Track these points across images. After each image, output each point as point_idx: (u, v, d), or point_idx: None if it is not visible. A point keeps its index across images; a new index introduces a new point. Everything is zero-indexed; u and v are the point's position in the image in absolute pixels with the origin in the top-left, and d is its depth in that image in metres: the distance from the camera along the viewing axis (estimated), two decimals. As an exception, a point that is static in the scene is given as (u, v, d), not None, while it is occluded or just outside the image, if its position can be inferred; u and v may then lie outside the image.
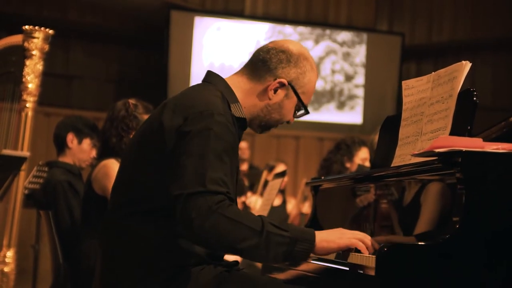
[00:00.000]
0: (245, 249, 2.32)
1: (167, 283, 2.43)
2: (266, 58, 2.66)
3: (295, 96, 2.66)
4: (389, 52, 11.74)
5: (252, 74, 2.67)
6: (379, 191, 2.80)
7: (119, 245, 2.49)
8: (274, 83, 2.63)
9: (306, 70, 2.67)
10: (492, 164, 2.21)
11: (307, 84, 2.68)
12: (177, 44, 10.88)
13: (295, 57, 2.66)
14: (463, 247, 2.14)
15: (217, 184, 2.34)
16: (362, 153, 5.68)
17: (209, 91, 2.58)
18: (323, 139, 11.43)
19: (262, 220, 2.35)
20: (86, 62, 11.06)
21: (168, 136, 2.43)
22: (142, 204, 2.47)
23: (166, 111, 2.49)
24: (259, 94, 2.65)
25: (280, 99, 2.65)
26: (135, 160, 2.55)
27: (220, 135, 2.40)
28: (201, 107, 2.44)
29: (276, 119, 2.69)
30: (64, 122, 4.82)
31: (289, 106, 2.67)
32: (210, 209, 2.28)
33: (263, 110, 2.66)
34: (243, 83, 2.67)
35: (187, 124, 2.41)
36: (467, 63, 2.59)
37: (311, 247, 2.39)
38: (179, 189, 2.33)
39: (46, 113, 9.71)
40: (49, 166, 4.78)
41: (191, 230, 2.30)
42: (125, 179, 2.58)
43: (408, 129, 2.83)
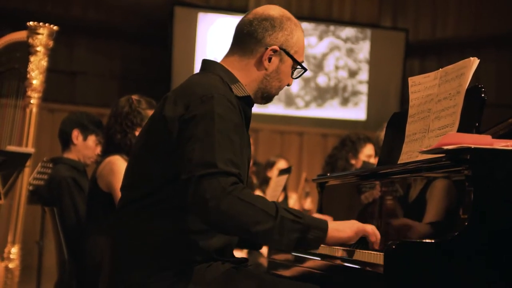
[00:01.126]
0: (259, 233, 2.31)
1: (175, 279, 2.43)
2: (251, 30, 2.68)
3: (290, 58, 2.67)
4: (393, 48, 11.71)
5: (242, 50, 2.69)
6: (386, 188, 2.78)
7: (127, 241, 2.49)
8: (266, 52, 2.65)
9: (292, 29, 2.69)
10: (501, 161, 2.20)
11: (296, 42, 2.69)
12: (180, 40, 10.87)
13: (279, 21, 2.68)
14: (472, 245, 2.13)
15: (228, 164, 2.34)
16: (367, 149, 5.67)
17: (207, 76, 2.59)
18: (327, 135, 11.42)
19: (276, 205, 2.35)
20: (90, 58, 11.06)
21: (172, 127, 2.43)
22: (151, 199, 2.47)
23: (167, 104, 2.49)
24: (254, 67, 2.66)
25: (276, 65, 2.67)
26: (142, 157, 2.55)
27: (224, 115, 2.41)
28: (201, 92, 2.44)
29: (276, 86, 2.71)
30: (70, 118, 4.81)
31: (286, 70, 2.69)
32: (225, 191, 2.28)
33: (262, 81, 2.67)
34: (237, 62, 2.68)
35: (189, 111, 2.41)
36: (475, 59, 2.58)
37: (324, 235, 2.39)
38: (190, 172, 2.32)
39: (50, 109, 9.71)
40: (54, 162, 4.77)
41: (206, 211, 2.29)
42: (133, 176, 2.58)
43: (415, 126, 2.82)
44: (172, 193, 2.44)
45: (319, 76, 11.55)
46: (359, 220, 2.90)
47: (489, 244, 2.15)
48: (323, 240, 2.40)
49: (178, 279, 2.43)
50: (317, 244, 2.41)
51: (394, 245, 2.12)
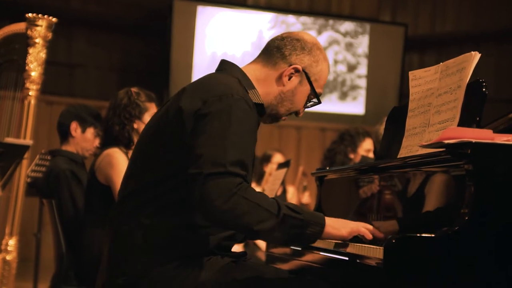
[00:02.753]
0: (261, 231, 2.34)
1: (174, 273, 2.43)
2: (280, 45, 2.68)
3: (308, 83, 2.67)
4: (392, 42, 11.70)
5: (266, 61, 2.69)
6: (385, 182, 2.78)
7: (128, 233, 2.48)
8: (288, 69, 2.65)
9: (319, 59, 2.70)
10: (503, 156, 2.19)
11: (319, 72, 2.70)
12: (180, 33, 10.86)
13: (309, 46, 2.69)
14: (472, 240, 2.13)
15: (237, 165, 2.35)
16: (366, 144, 5.67)
17: (227, 77, 2.58)
18: (325, 129, 11.41)
19: (278, 203, 2.38)
20: (89, 51, 11.04)
21: (187, 119, 2.42)
22: (155, 191, 2.47)
23: (184, 96, 2.49)
24: (273, 81, 2.66)
25: (294, 86, 2.67)
26: (151, 147, 2.54)
27: (241, 117, 2.41)
28: (220, 91, 2.44)
29: (287, 108, 2.70)
30: (68, 110, 4.79)
31: (301, 94, 2.69)
32: (231, 191, 2.30)
33: (276, 97, 2.67)
34: (258, 71, 2.68)
35: (206, 106, 2.41)
36: (476, 53, 2.57)
37: (321, 230, 2.43)
38: (198, 168, 2.32)
39: (49, 101, 9.69)
40: (52, 154, 4.76)
41: (211, 210, 2.31)
42: (140, 165, 2.57)
43: (415, 120, 2.81)
44: (176, 186, 2.44)
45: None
46: (358, 214, 2.92)
47: (489, 239, 2.14)
48: (319, 235, 2.44)
49: (177, 273, 2.43)
50: (314, 239, 2.45)
51: (394, 239, 2.11)
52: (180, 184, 2.43)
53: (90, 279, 3.75)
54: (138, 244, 2.46)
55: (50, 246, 4.46)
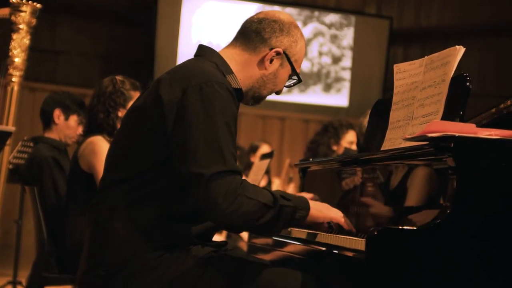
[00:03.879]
0: (262, 225, 2.39)
1: (155, 263, 2.42)
2: (259, 28, 2.68)
3: (290, 65, 2.69)
4: (377, 35, 11.70)
5: (245, 45, 2.68)
6: (368, 175, 2.79)
7: (108, 223, 2.47)
8: (270, 53, 2.65)
9: (297, 38, 2.71)
10: (485, 150, 2.21)
11: (299, 51, 2.72)
12: (165, 21, 10.81)
13: (287, 26, 2.69)
14: (454, 232, 2.14)
15: (233, 160, 2.38)
16: (349, 136, 5.68)
17: (204, 62, 2.57)
18: (309, 121, 11.41)
19: (272, 194, 2.41)
20: (73, 38, 10.96)
21: (168, 110, 2.41)
22: (136, 181, 2.46)
23: (162, 85, 2.47)
24: (254, 65, 2.66)
25: (275, 68, 2.68)
26: (131, 136, 2.53)
27: (224, 105, 2.42)
28: (200, 78, 2.43)
29: (269, 89, 2.71)
30: (52, 97, 4.77)
31: (283, 76, 2.71)
32: (235, 193, 2.32)
33: (258, 81, 2.67)
34: (237, 55, 2.67)
35: (188, 96, 2.40)
36: (460, 47, 2.58)
37: (307, 214, 2.50)
38: (198, 168, 2.33)
39: (32, 88, 9.63)
40: (35, 141, 4.74)
41: (216, 213, 2.33)
42: (120, 155, 2.55)
43: (399, 113, 2.82)
44: (157, 176, 2.43)
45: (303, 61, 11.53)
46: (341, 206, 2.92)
47: (471, 232, 2.15)
48: (305, 218, 2.50)
49: (158, 263, 2.42)
50: (300, 223, 2.51)
51: (376, 231, 2.12)
52: (160, 175, 2.43)
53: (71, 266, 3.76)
54: (118, 234, 2.45)
55: (31, 233, 4.45)
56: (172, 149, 2.40)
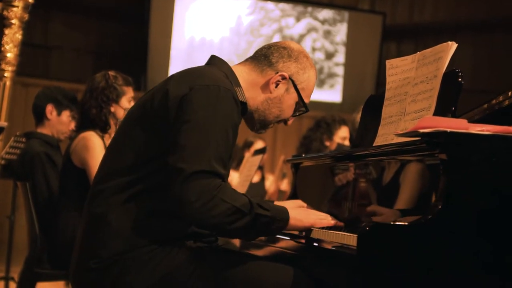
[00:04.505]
0: (233, 230, 2.39)
1: (147, 257, 2.43)
2: (267, 53, 2.72)
3: (295, 91, 2.70)
4: (370, 31, 11.71)
5: (253, 66, 2.71)
6: (360, 170, 2.79)
7: (101, 218, 2.48)
8: (275, 76, 2.67)
9: (306, 66, 2.73)
10: (476, 145, 2.20)
11: (306, 80, 2.74)
12: (158, 17, 10.79)
13: (296, 53, 2.72)
14: (445, 228, 2.14)
15: (219, 163, 2.38)
16: (342, 132, 5.68)
17: (216, 70, 2.59)
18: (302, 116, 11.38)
19: (250, 201, 2.41)
20: (65, 33, 10.94)
21: (172, 104, 2.43)
22: (133, 176, 2.46)
23: (171, 82, 2.50)
24: (260, 87, 2.69)
25: (280, 93, 2.70)
26: (133, 131, 2.53)
27: (227, 110, 2.43)
28: (208, 80, 2.46)
29: (275, 115, 2.73)
30: (44, 93, 4.76)
31: (289, 102, 2.72)
32: (211, 194, 2.32)
33: (263, 103, 2.70)
34: (245, 73, 2.70)
35: (193, 94, 2.42)
36: (453, 43, 2.58)
37: (286, 225, 2.50)
38: (182, 163, 2.34)
39: (24, 83, 9.61)
40: (27, 137, 4.73)
41: (188, 210, 2.33)
42: (117, 151, 2.56)
43: (391, 109, 2.82)
44: (153, 171, 2.45)
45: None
46: (333, 202, 2.92)
47: (462, 227, 2.15)
48: (283, 229, 2.52)
49: (150, 257, 2.44)
50: (278, 233, 2.56)
51: (367, 227, 2.12)
52: (156, 170, 2.44)
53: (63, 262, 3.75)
54: (111, 228, 2.45)
55: (24, 228, 4.44)
56: (166, 143, 2.40)
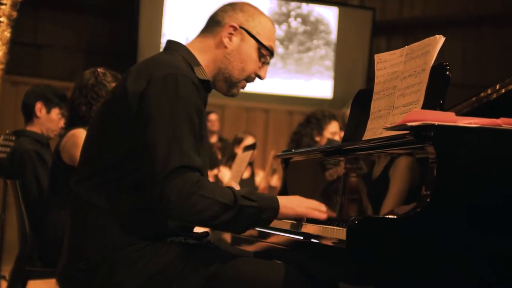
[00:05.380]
0: (220, 224, 2.38)
1: (136, 255, 2.41)
2: (213, 15, 2.72)
3: (251, 37, 2.66)
4: (360, 26, 11.73)
5: (204, 32, 2.70)
6: (350, 165, 2.79)
7: (87, 218, 2.47)
8: (225, 29, 2.64)
9: (254, 13, 2.70)
10: (464, 138, 2.21)
11: (258, 24, 2.69)
12: (147, 14, 10.79)
13: (240, 5, 2.71)
14: (434, 221, 2.15)
15: (192, 155, 2.35)
16: (332, 127, 5.68)
17: (172, 55, 2.57)
18: (293, 112, 11.43)
19: (234, 193, 2.39)
20: (55, 31, 10.93)
21: (132, 101, 2.40)
22: (111, 175, 2.44)
23: (129, 78, 2.46)
24: (215, 48, 2.65)
25: (236, 44, 2.65)
26: (102, 130, 2.52)
27: (187, 99, 2.40)
28: (165, 71, 2.42)
29: (239, 68, 2.67)
30: (33, 90, 4.75)
31: (248, 51, 2.67)
32: (190, 191, 2.30)
33: (223, 61, 2.65)
34: (199, 43, 2.67)
35: (151, 87, 2.39)
36: (440, 37, 2.58)
37: (276, 214, 2.48)
38: (155, 164, 2.32)
39: (14, 82, 9.59)
40: (17, 135, 4.72)
41: (169, 211, 2.32)
42: (93, 150, 2.54)
43: (380, 103, 2.82)
44: (130, 169, 2.42)
45: (287, 53, 11.55)
46: (323, 196, 2.93)
47: (451, 219, 2.16)
48: (274, 218, 2.49)
49: (139, 255, 2.42)
50: (269, 223, 2.51)
51: (356, 221, 2.12)
52: (132, 169, 2.41)
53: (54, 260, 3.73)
54: (97, 228, 2.44)
55: (14, 227, 4.43)
56: (137, 140, 2.39)
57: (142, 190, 2.40)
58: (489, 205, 2.20)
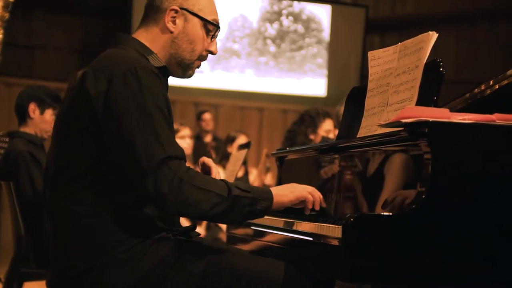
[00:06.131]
0: (215, 215, 2.36)
1: (124, 256, 2.38)
2: (150, 2, 2.67)
3: (194, 16, 2.61)
4: (353, 24, 11.74)
5: (146, 22, 2.65)
6: (344, 162, 2.79)
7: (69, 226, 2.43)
8: (167, 14, 2.59)
9: None
10: (458, 134, 2.21)
11: (198, 1, 2.63)
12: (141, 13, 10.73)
13: None
14: (429, 218, 2.15)
15: (173, 145, 2.34)
16: (326, 125, 5.69)
17: (124, 50, 2.54)
18: (287, 111, 11.44)
19: (227, 184, 2.38)
20: (48, 32, 10.91)
21: (97, 103, 2.35)
22: (85, 181, 2.39)
23: (88, 79, 2.40)
24: (160, 34, 2.61)
25: (181, 26, 2.60)
26: (68, 137, 2.45)
27: (152, 90, 2.37)
28: (123, 66, 2.39)
29: (189, 50, 2.62)
30: (26, 91, 4.73)
31: (195, 30, 2.62)
32: (182, 181, 2.29)
33: (172, 46, 2.61)
34: (145, 33, 2.63)
35: (113, 86, 2.35)
36: (433, 33, 2.58)
37: (271, 204, 2.46)
38: (139, 161, 2.29)
39: (8, 83, 9.59)
40: (10, 136, 4.71)
41: (165, 204, 2.31)
42: (62, 159, 2.47)
43: (374, 100, 2.83)
44: (105, 170, 2.38)
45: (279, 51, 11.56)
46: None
47: (446, 216, 2.16)
48: (270, 208, 2.46)
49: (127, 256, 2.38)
50: (264, 214, 2.48)
51: (352, 218, 2.12)
52: (108, 168, 2.37)
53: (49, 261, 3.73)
54: (81, 234, 2.40)
55: (9, 229, 4.42)
56: (109, 141, 2.35)
57: (121, 189, 2.37)
58: (484, 201, 2.20)
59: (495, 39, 11.12)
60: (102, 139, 2.36)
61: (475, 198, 2.20)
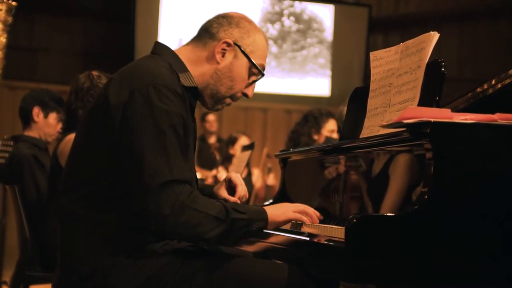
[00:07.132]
0: (212, 238, 2.36)
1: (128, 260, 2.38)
2: (207, 25, 2.64)
3: (244, 55, 2.61)
4: (356, 23, 11.73)
5: (196, 43, 2.63)
6: (347, 163, 2.80)
7: (75, 230, 2.43)
8: (219, 45, 2.58)
9: (249, 29, 2.63)
10: (460, 134, 2.22)
11: (253, 42, 2.63)
12: (143, 17, 10.79)
13: (236, 19, 2.64)
14: (432, 218, 2.15)
15: (180, 167, 2.34)
16: (330, 125, 5.69)
17: (156, 62, 2.51)
18: (291, 111, 11.43)
19: (225, 207, 2.38)
20: (51, 35, 10.92)
21: (115, 112, 2.36)
22: (95, 186, 2.40)
23: (112, 85, 2.41)
24: (206, 61, 2.60)
25: (229, 61, 2.60)
26: (85, 141, 2.47)
27: (170, 109, 2.36)
28: (148, 80, 2.37)
29: (227, 86, 2.61)
30: (30, 95, 4.75)
31: (239, 69, 2.61)
32: (183, 205, 2.29)
33: (212, 76, 2.60)
34: (189, 52, 2.61)
35: (133, 99, 2.35)
36: (435, 33, 2.59)
37: (265, 224, 2.48)
38: (144, 178, 2.29)
39: (11, 86, 9.60)
40: (15, 140, 4.72)
41: (163, 224, 2.31)
42: (77, 161, 2.48)
43: (377, 101, 2.83)
44: (116, 178, 2.38)
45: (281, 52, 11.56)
46: (321, 195, 2.93)
47: (449, 216, 2.17)
48: (264, 229, 2.50)
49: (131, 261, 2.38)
50: (259, 234, 2.54)
51: (355, 219, 2.13)
52: (120, 176, 2.37)
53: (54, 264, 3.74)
54: (87, 239, 2.40)
55: (15, 232, 4.43)
56: (122, 152, 2.35)
57: (130, 199, 2.36)
58: (487, 200, 2.20)
59: (497, 38, 11.10)
60: (116, 147, 2.36)
61: (478, 198, 2.20)
